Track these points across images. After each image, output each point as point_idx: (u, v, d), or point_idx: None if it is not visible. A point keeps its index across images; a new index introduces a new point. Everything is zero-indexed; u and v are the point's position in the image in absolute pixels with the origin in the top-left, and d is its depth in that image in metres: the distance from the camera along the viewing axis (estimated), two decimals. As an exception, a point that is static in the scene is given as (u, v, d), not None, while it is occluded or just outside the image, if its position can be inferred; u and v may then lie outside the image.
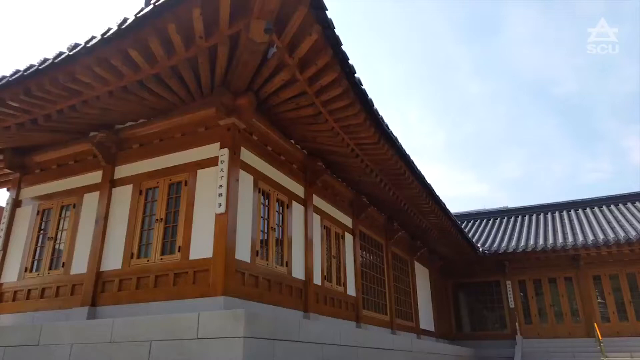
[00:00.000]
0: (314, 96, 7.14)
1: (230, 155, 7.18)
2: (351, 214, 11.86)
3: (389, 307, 13.19)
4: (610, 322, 17.21)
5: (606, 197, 22.28)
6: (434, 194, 12.27)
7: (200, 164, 7.62)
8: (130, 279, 7.41)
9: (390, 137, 8.77)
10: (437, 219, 13.81)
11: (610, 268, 17.76)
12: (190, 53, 6.35)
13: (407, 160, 9.88)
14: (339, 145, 8.75)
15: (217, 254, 6.68)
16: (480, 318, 19.99)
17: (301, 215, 9.31)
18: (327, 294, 9.71)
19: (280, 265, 8.21)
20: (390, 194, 11.42)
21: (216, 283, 6.51)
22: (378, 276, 13.04)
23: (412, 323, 15.11)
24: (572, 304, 18.09)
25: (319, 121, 7.80)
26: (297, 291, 8.57)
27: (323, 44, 6.21)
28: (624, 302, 17.29)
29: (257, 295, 7.29)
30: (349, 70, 6.76)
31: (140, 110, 7.99)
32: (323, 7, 5.76)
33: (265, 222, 8.09)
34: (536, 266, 18.73)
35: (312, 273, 9.05)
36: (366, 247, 12.61)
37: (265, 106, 7.73)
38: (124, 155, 8.59)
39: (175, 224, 7.45)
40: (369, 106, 7.67)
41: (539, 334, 18.12)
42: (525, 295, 19.03)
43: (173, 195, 7.75)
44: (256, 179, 7.97)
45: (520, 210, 24.11)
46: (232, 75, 6.90)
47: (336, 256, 10.60)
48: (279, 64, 6.57)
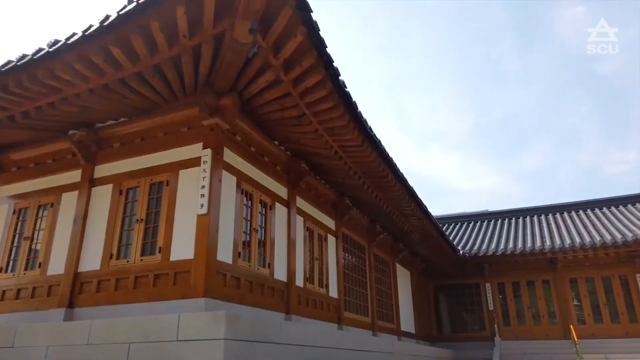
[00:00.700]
0: (298, 97, 7.14)
1: (213, 155, 7.13)
2: (334, 215, 11.89)
3: (370, 309, 13.24)
4: (586, 324, 17.59)
5: (584, 202, 22.78)
6: (416, 197, 12.38)
7: (182, 164, 7.54)
8: (109, 280, 7.28)
9: (373, 140, 8.82)
10: (419, 221, 13.93)
11: (587, 271, 18.16)
12: (174, 52, 6.29)
13: (390, 163, 9.95)
14: (322, 147, 8.76)
15: (199, 255, 6.62)
16: (460, 320, 20.21)
17: (284, 217, 9.29)
18: (309, 295, 9.71)
19: (262, 267, 8.18)
20: (373, 196, 11.48)
21: (197, 284, 6.44)
22: (360, 278, 13.09)
23: (393, 325, 15.19)
24: (550, 306, 18.43)
25: (303, 123, 7.80)
26: (279, 293, 8.55)
27: (308, 45, 6.22)
28: (599, 305, 17.69)
29: (239, 297, 7.24)
30: (334, 72, 6.78)
31: (122, 108, 7.88)
32: (308, 9, 5.77)
33: (248, 223, 8.05)
34: (515, 269, 19.04)
35: (294, 275, 9.04)
36: (349, 249, 12.64)
37: (249, 107, 7.70)
38: (104, 154, 8.45)
39: (156, 225, 7.36)
40: (353, 108, 7.70)
41: (517, 335, 18.41)
42: (504, 297, 19.32)
43: (154, 196, 7.65)
44: (239, 179, 7.93)
45: (501, 213, 24.50)
46: (216, 75, 6.85)
47: (319, 258, 10.61)
48: (264, 64, 6.55)
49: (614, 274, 17.74)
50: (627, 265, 17.43)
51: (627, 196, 21.91)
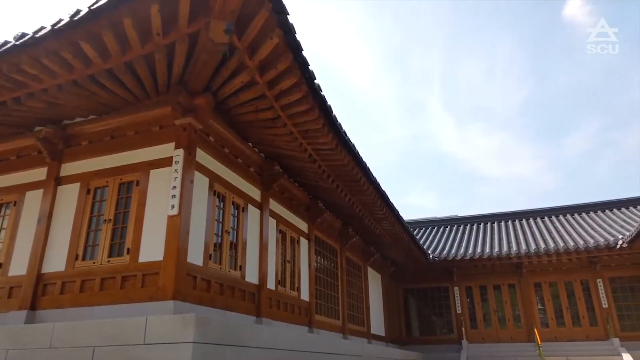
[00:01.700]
0: (273, 100, 7.13)
1: (185, 155, 7.03)
2: (307, 218, 11.89)
3: (341, 312, 13.29)
4: (549, 327, 18.14)
5: (550, 209, 23.52)
6: (388, 201, 12.52)
7: (153, 163, 7.40)
8: (74, 281, 7.06)
9: (347, 144, 8.89)
10: (391, 225, 14.09)
11: (550, 276, 18.74)
12: (147, 50, 6.18)
13: (363, 166, 10.04)
14: (297, 149, 8.76)
15: (168, 256, 6.50)
16: (429, 323, 20.51)
17: (257, 219, 9.24)
18: (281, 298, 9.67)
19: (233, 269, 8.10)
20: (346, 199, 11.55)
21: (166, 287, 6.33)
22: (332, 281, 13.13)
23: (364, 328, 15.29)
24: (515, 310, 18.92)
25: (278, 125, 7.79)
26: (250, 296, 8.48)
27: (284, 48, 6.22)
28: (562, 309, 18.27)
29: (209, 300, 7.15)
30: (309, 75, 6.80)
31: (91, 105, 7.68)
32: (285, 12, 5.77)
33: (220, 225, 7.96)
34: (482, 273, 19.48)
35: (266, 277, 8.99)
36: (321, 252, 12.67)
37: (224, 107, 7.64)
38: (71, 152, 8.20)
39: (124, 225, 7.19)
40: (328, 112, 7.74)
41: (483, 338, 18.82)
42: (472, 301, 19.72)
43: (123, 195, 7.48)
44: (211, 181, 7.84)
45: (470, 219, 25.06)
46: (190, 74, 6.76)
47: (291, 261, 10.59)
48: (239, 65, 6.51)
49: (576, 279, 18.38)
50: (589, 271, 18.08)
51: (591, 204, 22.75)
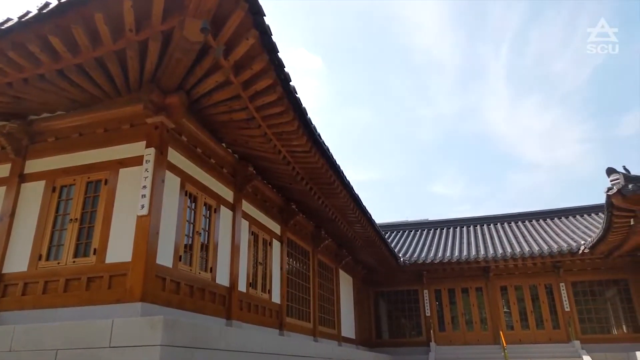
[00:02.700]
0: (247, 100, 7.09)
1: (157, 155, 6.90)
2: (280, 220, 11.86)
3: (312, 315, 13.29)
4: (514, 330, 18.62)
5: (518, 214, 24.20)
6: (361, 204, 12.61)
7: (122, 162, 7.24)
8: (37, 282, 6.83)
9: (322, 146, 8.92)
10: (363, 228, 14.20)
11: (516, 280, 19.25)
12: (119, 46, 6.05)
13: (337, 169, 10.09)
14: (271, 151, 8.73)
15: (137, 257, 6.36)
16: (398, 325, 20.73)
17: (229, 221, 9.15)
18: (252, 301, 9.60)
19: (204, 271, 8.00)
20: (320, 202, 11.58)
21: (134, 288, 6.19)
22: (303, 284, 13.12)
23: (334, 330, 15.33)
24: (482, 313, 19.35)
25: (252, 126, 7.75)
26: (221, 298, 8.39)
27: (259, 49, 6.20)
28: (527, 312, 18.79)
29: (178, 302, 7.03)
30: (285, 77, 6.80)
31: (59, 101, 7.45)
32: (261, 13, 5.76)
33: (191, 226, 7.85)
34: (451, 276, 19.84)
35: (237, 280, 8.90)
36: (293, 255, 12.64)
37: (197, 107, 7.54)
38: (37, 149, 7.94)
39: (91, 225, 7.00)
40: (303, 115, 7.75)
41: (451, 341, 19.15)
42: (441, 304, 20.06)
43: (91, 194, 7.28)
44: (183, 181, 7.73)
45: (440, 223, 25.51)
46: (163, 72, 6.66)
47: (263, 263, 10.52)
48: (214, 65, 6.45)
49: (540, 283, 18.93)
50: (552, 275, 18.67)
51: (555, 210, 23.52)
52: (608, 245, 15.26)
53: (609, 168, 11.99)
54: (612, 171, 11.92)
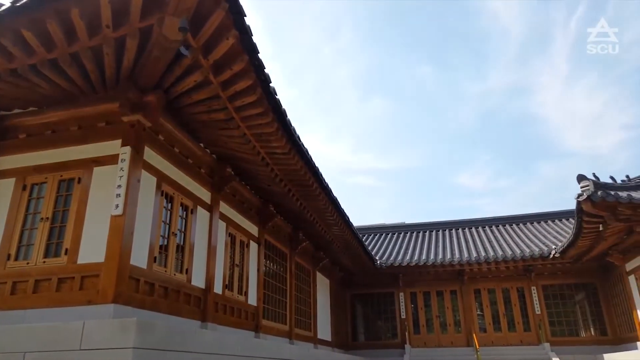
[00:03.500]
0: (227, 101, 7.05)
1: (133, 154, 6.78)
2: (258, 222, 11.80)
3: (289, 317, 13.26)
4: (487, 333, 18.95)
5: (492, 218, 24.69)
6: (339, 207, 12.66)
7: (97, 160, 7.09)
8: (5, 283, 6.61)
9: (301, 149, 8.92)
10: (341, 231, 14.25)
11: (489, 283, 19.62)
12: (95, 42, 5.94)
13: (315, 172, 10.11)
14: (249, 152, 8.69)
15: (110, 258, 6.24)
16: (374, 328, 20.85)
17: (206, 222, 9.05)
18: (228, 303, 9.51)
19: (179, 273, 7.89)
20: (298, 204, 11.57)
21: (106, 290, 6.06)
22: (280, 286, 13.07)
23: (311, 333, 15.32)
24: (456, 315, 19.64)
25: (231, 126, 7.70)
26: (196, 300, 8.29)
27: (240, 49, 6.17)
28: (499, 315, 19.16)
29: (152, 304, 6.92)
30: (265, 78, 6.79)
31: (31, 97, 7.26)
32: (242, 13, 5.74)
33: (167, 226, 7.74)
34: (427, 279, 20.08)
35: (213, 281, 8.81)
36: (270, 257, 12.59)
37: (175, 106, 7.45)
38: (7, 145, 7.69)
39: (63, 225, 6.83)
40: (283, 116, 7.74)
41: (425, 343, 19.37)
42: (416, 306, 20.27)
43: (63, 193, 7.11)
44: (159, 180, 7.61)
45: (416, 226, 25.80)
46: (140, 70, 6.55)
47: (239, 265, 10.45)
48: (193, 64, 6.38)
49: (513, 286, 19.34)
50: (524, 279, 19.09)
51: (528, 215, 24.09)
52: (577, 250, 15.71)
53: (580, 175, 12.35)
54: (583, 178, 12.28)
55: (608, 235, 13.39)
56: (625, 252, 14.83)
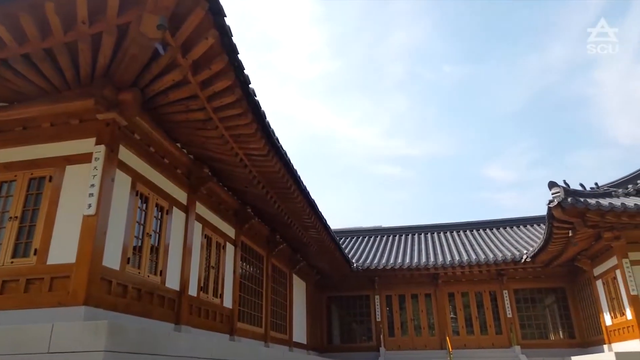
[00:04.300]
0: (205, 101, 6.98)
1: (107, 152, 6.65)
2: (235, 224, 11.70)
3: (264, 320, 13.18)
4: (460, 335, 19.24)
5: (467, 223, 25.11)
6: (317, 210, 12.67)
7: (70, 159, 6.93)
8: (-31, 284, 6.38)
9: (279, 151, 8.90)
10: (318, 233, 14.26)
11: (463, 286, 19.93)
12: (70, 37, 5.82)
13: (293, 174, 10.10)
14: (227, 153, 8.62)
15: (81, 259, 6.09)
16: (350, 330, 20.92)
17: (182, 223, 8.93)
18: (202, 305, 9.40)
19: (153, 274, 7.76)
20: (276, 206, 11.53)
21: (77, 291, 5.91)
22: (256, 288, 12.99)
23: (286, 335, 15.27)
24: (430, 318, 19.88)
25: (209, 127, 7.63)
26: (170, 302, 8.16)
27: (219, 49, 6.13)
28: (472, 318, 19.48)
29: (124, 306, 6.78)
30: (244, 79, 6.76)
31: (2, 92, 7.05)
32: (222, 13, 5.71)
33: (141, 227, 7.60)
34: (402, 282, 20.26)
35: (188, 283, 8.70)
36: (247, 259, 12.50)
37: (152, 105, 7.34)
38: (-26, 141, 7.45)
39: (33, 224, 6.64)
40: (262, 118, 7.72)
41: (399, 346, 19.53)
42: (391, 309, 20.43)
43: (33, 192, 6.91)
44: (134, 180, 7.48)
45: (393, 230, 26.04)
46: (117, 67, 6.44)
47: (215, 267, 10.34)
48: (171, 63, 6.32)
49: (485, 290, 19.70)
50: (497, 282, 19.47)
51: (501, 220, 24.61)
52: (548, 255, 16.14)
53: (551, 182, 12.69)
54: (554, 185, 12.62)
55: (577, 241, 13.80)
56: (593, 257, 15.30)
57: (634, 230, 12.73)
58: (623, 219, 12.00)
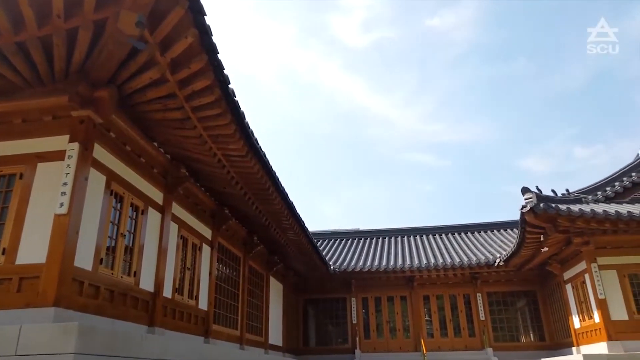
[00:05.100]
0: (183, 100, 6.91)
1: (81, 150, 6.50)
2: (212, 225, 11.59)
3: (240, 322, 13.07)
4: (434, 338, 19.47)
5: (443, 226, 25.48)
6: (295, 211, 12.66)
7: (42, 156, 6.75)
8: None
9: (258, 152, 8.87)
10: (296, 235, 14.24)
11: (438, 289, 20.19)
12: (44, 32, 5.69)
13: (272, 176, 10.07)
14: (205, 154, 8.54)
15: (52, 259, 5.93)
16: (326, 333, 20.93)
17: (157, 223, 8.80)
18: (177, 307, 9.26)
19: (127, 275, 7.61)
20: (254, 208, 11.47)
21: (47, 292, 5.75)
22: (232, 290, 12.88)
23: (262, 338, 15.18)
24: (405, 321, 20.07)
25: (187, 127, 7.55)
26: (144, 304, 8.02)
27: (198, 48, 6.08)
28: (446, 320, 19.75)
29: (96, 308, 6.63)
30: (224, 79, 6.71)
31: (-30, 85, 6.82)
32: (202, 12, 5.66)
33: (115, 227, 7.46)
34: (378, 285, 20.41)
35: (162, 285, 8.56)
36: (223, 260, 12.39)
37: (129, 102, 7.21)
38: (-60, 136, 7.18)
39: (1, 222, 6.44)
40: (241, 118, 7.68)
41: (375, 348, 19.65)
42: (367, 312, 20.54)
43: (3, 189, 6.71)
44: (109, 179, 7.34)
45: (370, 232, 26.23)
46: (93, 64, 6.31)
47: (191, 268, 10.21)
48: (149, 61, 6.23)
49: (459, 293, 20.00)
50: (471, 285, 19.80)
51: (476, 224, 25.08)
52: (520, 259, 16.50)
53: (524, 187, 13.00)
54: (527, 190, 12.93)
55: (548, 245, 14.16)
56: (563, 261, 15.72)
57: (602, 236, 13.13)
58: (592, 224, 12.37)
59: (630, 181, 14.65)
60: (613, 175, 15.09)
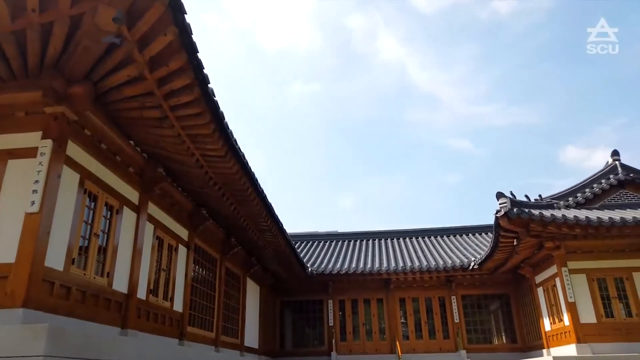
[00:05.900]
0: (162, 99, 6.81)
1: (54, 147, 6.34)
2: (188, 226, 11.45)
3: (215, 324, 12.94)
4: (409, 340, 19.66)
5: (420, 230, 25.77)
6: (273, 213, 12.62)
7: (12, 153, 6.56)
8: None
9: (237, 152, 8.81)
10: (274, 237, 14.19)
11: (414, 292, 20.40)
12: (18, 25, 5.55)
13: (251, 177, 10.01)
14: (183, 153, 8.44)
15: (21, 258, 5.77)
16: (302, 335, 20.90)
17: (132, 223, 8.64)
18: (151, 309, 9.11)
19: (100, 276, 7.45)
20: (232, 209, 11.39)
21: (15, 292, 5.59)
22: (209, 292, 12.74)
23: (237, 340, 15.05)
24: (381, 323, 20.20)
25: (165, 125, 7.45)
26: (117, 305, 7.86)
27: (178, 47, 6.01)
28: (421, 323, 19.96)
29: (67, 309, 6.47)
30: (203, 78, 6.65)
31: (-62, 78, 6.58)
32: (182, 10, 5.61)
33: (88, 227, 7.30)
34: (355, 287, 20.50)
35: (136, 286, 8.41)
36: (200, 261, 12.25)
37: (105, 100, 7.08)
38: None
39: (-32, 220, 6.22)
40: (220, 118, 7.62)
41: (351, 350, 19.71)
42: (344, 314, 20.60)
43: (-30, 186, 6.49)
44: (83, 178, 7.18)
45: (347, 235, 26.37)
46: (68, 59, 6.18)
47: (166, 269, 10.06)
48: (126, 58, 6.13)
49: (435, 295, 20.26)
50: (446, 288, 20.07)
51: (452, 228, 25.45)
52: (494, 263, 16.83)
53: (498, 192, 13.28)
54: (501, 195, 13.21)
55: (521, 250, 14.49)
56: (535, 265, 16.10)
57: (572, 241, 13.50)
58: (563, 229, 12.72)
59: (600, 188, 15.12)
60: (584, 181, 15.57)
